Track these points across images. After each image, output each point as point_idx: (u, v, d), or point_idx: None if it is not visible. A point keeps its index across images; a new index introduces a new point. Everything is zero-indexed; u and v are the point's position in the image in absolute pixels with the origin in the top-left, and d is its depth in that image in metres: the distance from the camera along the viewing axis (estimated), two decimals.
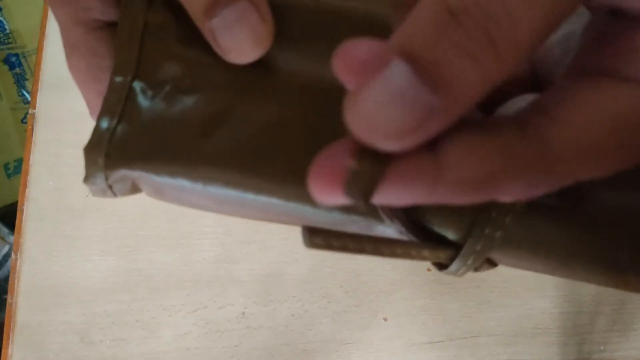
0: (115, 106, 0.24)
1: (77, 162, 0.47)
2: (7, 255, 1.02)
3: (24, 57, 1.16)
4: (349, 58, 0.15)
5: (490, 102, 0.21)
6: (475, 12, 0.13)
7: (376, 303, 0.43)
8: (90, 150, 0.24)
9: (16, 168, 1.11)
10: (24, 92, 1.15)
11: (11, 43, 1.16)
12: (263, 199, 0.24)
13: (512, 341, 0.41)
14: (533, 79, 0.23)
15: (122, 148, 0.24)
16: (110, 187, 0.24)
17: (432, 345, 0.41)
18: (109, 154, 0.24)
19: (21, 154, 1.09)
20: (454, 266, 0.23)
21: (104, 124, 0.24)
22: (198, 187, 0.24)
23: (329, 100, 0.24)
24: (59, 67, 0.50)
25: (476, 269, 0.24)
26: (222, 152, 0.23)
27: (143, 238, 0.45)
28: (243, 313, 0.43)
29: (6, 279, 1.03)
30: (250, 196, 0.24)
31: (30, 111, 0.49)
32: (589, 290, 0.42)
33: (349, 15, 0.25)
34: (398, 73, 0.14)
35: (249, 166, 0.23)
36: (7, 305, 0.44)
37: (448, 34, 0.13)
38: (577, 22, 0.20)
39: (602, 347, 0.41)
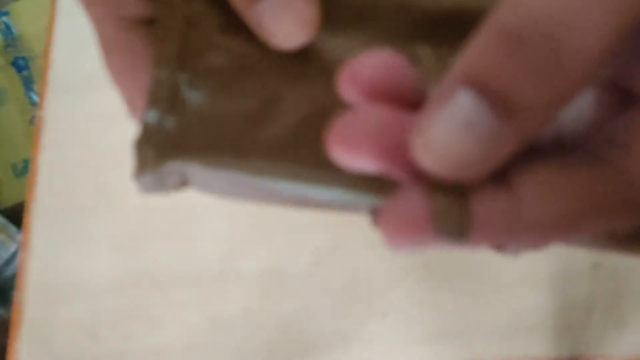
0: (161, 99, 0.23)
1: (84, 162, 0.47)
2: (15, 253, 1.03)
3: (32, 60, 1.17)
4: (357, 78, 0.16)
5: None
6: (536, 33, 0.13)
7: (375, 299, 0.43)
8: (140, 145, 0.23)
9: (24, 168, 1.11)
10: (32, 95, 1.15)
11: (19, 46, 1.17)
12: (324, 192, 0.22)
13: (507, 336, 0.41)
14: None
15: (172, 141, 0.23)
16: (160, 181, 0.24)
17: (429, 339, 0.42)
18: (159, 147, 0.23)
19: (29, 155, 1.09)
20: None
21: (152, 118, 0.23)
22: (249, 178, 0.22)
23: None
24: (66, 70, 0.50)
25: None
26: (273, 143, 0.23)
27: (149, 235, 0.45)
28: (246, 309, 0.43)
29: (14, 277, 1.03)
30: (302, 187, 0.22)
31: (38, 113, 0.50)
32: (582, 287, 0.42)
33: None
34: (466, 102, 0.13)
35: (303, 157, 0.22)
36: (15, 302, 0.45)
37: (513, 58, 0.13)
38: None
39: (596, 343, 0.41)
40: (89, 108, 0.48)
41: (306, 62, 0.23)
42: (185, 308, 0.44)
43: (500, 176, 0.15)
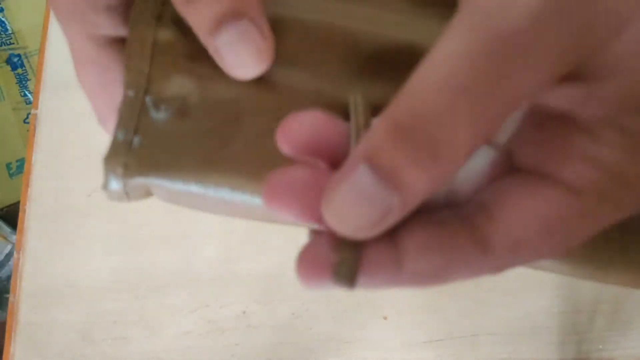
0: (130, 119, 0.26)
1: (79, 162, 0.47)
2: (9, 255, 1.03)
3: (26, 57, 1.16)
4: (290, 135, 0.20)
5: None
6: (417, 130, 0.16)
7: (376, 302, 0.43)
8: (109, 160, 0.26)
9: (18, 168, 1.11)
10: (27, 93, 1.15)
11: (13, 44, 1.17)
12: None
13: (511, 340, 0.41)
14: None
15: (138, 158, 0.26)
16: (126, 193, 0.26)
17: (432, 343, 0.42)
18: (126, 164, 0.26)
19: (23, 154, 1.10)
20: None
21: (121, 137, 0.26)
22: (210, 192, 0.25)
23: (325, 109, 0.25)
24: (61, 68, 0.50)
25: None
26: (229, 160, 0.25)
27: (145, 237, 0.45)
28: (244, 312, 0.43)
29: (9, 278, 1.03)
30: (257, 200, 0.25)
31: (32, 111, 0.49)
32: (587, 290, 0.42)
33: (341, 31, 0.27)
34: (363, 177, 0.17)
35: (255, 172, 0.25)
36: (10, 304, 0.45)
37: (400, 147, 0.17)
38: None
39: (600, 346, 0.41)
40: (85, 107, 0.48)
41: (263, 88, 0.26)
42: (182, 311, 0.43)
43: (390, 234, 0.19)
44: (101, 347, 0.43)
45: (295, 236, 0.44)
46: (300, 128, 0.20)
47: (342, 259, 0.18)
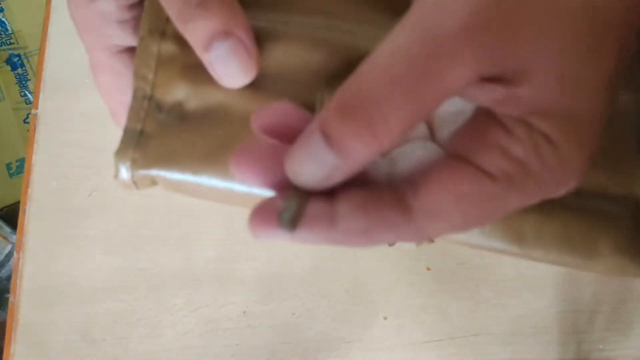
0: (138, 120, 0.31)
1: (79, 162, 0.47)
2: (9, 255, 1.03)
3: (26, 57, 1.16)
4: (262, 119, 0.24)
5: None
6: (359, 109, 0.20)
7: (376, 302, 0.43)
8: (120, 154, 0.31)
9: (18, 168, 1.11)
10: (27, 93, 1.15)
11: (13, 44, 1.17)
12: (252, 190, 0.31)
13: (511, 340, 0.41)
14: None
15: (145, 153, 0.31)
16: (134, 182, 0.31)
17: (432, 344, 0.42)
18: (134, 159, 0.31)
19: (23, 154, 1.09)
20: None
21: (130, 134, 0.31)
22: (203, 181, 0.31)
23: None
24: (61, 68, 0.50)
25: (417, 244, 0.31)
26: (220, 155, 0.30)
27: (145, 237, 0.45)
28: (244, 312, 0.43)
29: (9, 278, 1.03)
30: (238, 186, 0.31)
31: (32, 111, 0.49)
32: (587, 290, 0.42)
33: (322, 41, 0.32)
34: (316, 142, 0.21)
35: None
36: (10, 304, 0.44)
37: (345, 121, 0.20)
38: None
39: (600, 346, 0.41)
40: (85, 107, 0.48)
41: (251, 94, 0.31)
42: (182, 311, 0.43)
43: (332, 197, 0.23)
44: (101, 347, 0.43)
45: None
46: (271, 114, 0.24)
47: (287, 205, 0.22)
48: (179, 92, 0.31)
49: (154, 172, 0.31)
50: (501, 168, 0.22)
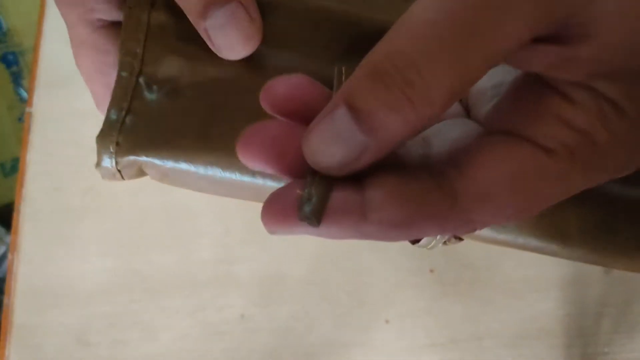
0: (123, 99, 0.27)
1: (75, 162, 0.47)
2: (3, 256, 1.02)
3: (21, 55, 1.16)
4: (273, 93, 0.20)
5: None
6: (395, 76, 0.17)
7: (378, 305, 0.42)
8: (102, 139, 0.27)
9: (13, 167, 1.11)
10: (21, 91, 1.15)
11: (8, 41, 1.16)
12: (259, 182, 0.27)
13: (516, 343, 0.41)
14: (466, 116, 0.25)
15: (130, 137, 0.27)
16: (119, 171, 0.28)
17: (435, 347, 0.41)
18: (119, 142, 0.27)
19: (18, 153, 1.09)
20: (425, 240, 0.26)
21: (114, 115, 0.27)
22: (200, 171, 0.27)
23: None
24: (56, 66, 0.50)
25: (445, 243, 0.26)
26: (219, 140, 0.27)
27: (141, 239, 0.45)
28: (242, 315, 0.43)
29: (3, 280, 1.02)
30: (246, 179, 0.27)
31: (27, 110, 0.49)
32: (593, 292, 0.42)
33: (329, 13, 0.29)
34: (341, 118, 0.18)
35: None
36: (4, 306, 0.44)
37: (377, 90, 0.17)
38: (511, 72, 0.22)
39: (606, 349, 0.41)
40: (80, 105, 0.48)
41: (252, 68, 0.28)
42: (179, 314, 0.43)
43: (361, 184, 0.19)
44: (97, 350, 0.43)
45: (295, 237, 0.44)
46: (284, 88, 0.20)
47: (308, 195, 0.19)
48: (172, 68, 0.28)
49: (142, 159, 0.27)
50: (562, 141, 0.19)
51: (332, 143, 0.18)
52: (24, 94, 1.15)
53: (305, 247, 0.43)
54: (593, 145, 0.19)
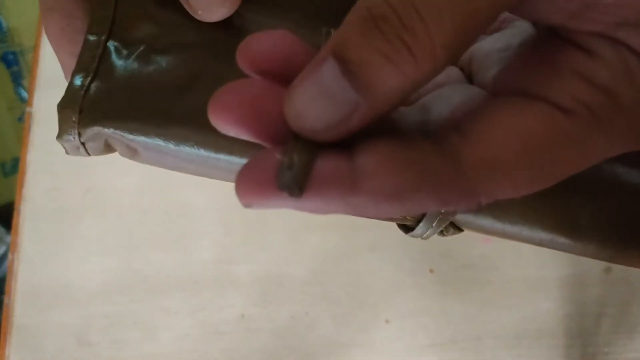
0: (89, 64, 0.25)
1: (75, 162, 0.46)
2: (4, 256, 1.02)
3: (21, 55, 1.16)
4: (252, 49, 0.17)
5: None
6: (393, 21, 0.14)
7: (378, 305, 0.42)
8: (64, 106, 0.24)
9: (13, 167, 1.11)
10: (21, 91, 1.15)
11: (8, 41, 1.16)
12: (236, 160, 0.24)
13: (515, 343, 0.41)
14: (469, 82, 0.23)
15: (95, 105, 0.24)
16: (83, 144, 0.25)
17: (435, 347, 0.41)
18: (82, 110, 0.24)
19: (18, 153, 1.09)
20: (420, 229, 0.24)
21: (78, 81, 0.24)
22: (171, 146, 0.24)
23: None
24: (56, 65, 0.49)
25: (442, 233, 0.24)
26: (194, 113, 0.24)
27: (141, 239, 0.45)
28: (242, 315, 0.43)
29: (3, 280, 1.02)
30: (222, 156, 0.24)
31: (27, 109, 0.49)
32: (593, 292, 0.42)
33: None
34: (328, 71, 0.15)
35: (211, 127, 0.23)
36: (4, 306, 0.44)
37: (371, 38, 0.15)
38: (517, 35, 0.20)
39: (606, 349, 0.41)
40: None
41: (231, 35, 0.25)
42: (179, 314, 0.43)
43: (350, 149, 0.16)
44: (97, 350, 0.43)
45: (295, 237, 0.44)
46: (265, 44, 0.17)
47: (289, 161, 0.16)
48: (144, 33, 0.25)
49: (108, 131, 0.24)
50: (582, 100, 0.16)
51: (318, 102, 0.15)
52: (24, 94, 1.15)
53: (306, 247, 0.43)
54: (617, 105, 0.17)
